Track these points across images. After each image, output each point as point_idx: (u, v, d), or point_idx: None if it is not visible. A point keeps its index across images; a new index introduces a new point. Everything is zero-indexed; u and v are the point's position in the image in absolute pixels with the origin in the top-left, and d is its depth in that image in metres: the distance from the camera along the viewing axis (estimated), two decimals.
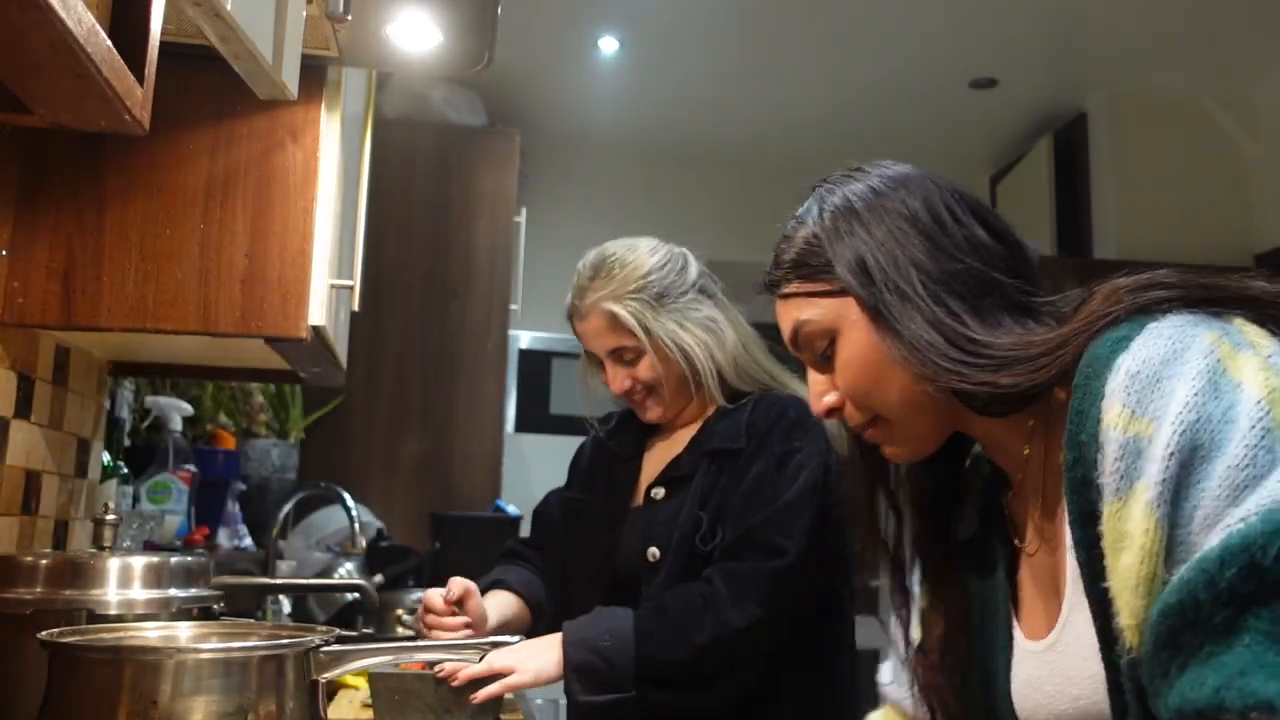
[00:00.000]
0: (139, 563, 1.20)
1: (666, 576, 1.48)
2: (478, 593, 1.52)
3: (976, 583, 0.97)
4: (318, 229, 1.45)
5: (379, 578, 2.43)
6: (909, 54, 3.73)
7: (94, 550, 1.22)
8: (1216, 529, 0.66)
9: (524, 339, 4.15)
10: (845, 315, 0.93)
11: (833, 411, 0.97)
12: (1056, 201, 4.30)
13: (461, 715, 1.32)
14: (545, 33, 3.69)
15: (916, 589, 1.02)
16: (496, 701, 1.35)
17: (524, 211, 3.56)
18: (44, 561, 1.17)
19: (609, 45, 3.81)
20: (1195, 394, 0.70)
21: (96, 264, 1.40)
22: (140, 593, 1.19)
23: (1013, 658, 0.91)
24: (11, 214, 1.39)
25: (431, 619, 1.49)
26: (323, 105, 1.48)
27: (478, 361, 3.37)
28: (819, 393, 0.97)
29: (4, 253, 1.38)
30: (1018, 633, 0.92)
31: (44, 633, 0.89)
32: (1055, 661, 0.85)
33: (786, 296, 0.99)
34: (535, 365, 4.20)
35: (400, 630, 2.15)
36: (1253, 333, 0.75)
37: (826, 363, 0.96)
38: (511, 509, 3.13)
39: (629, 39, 3.77)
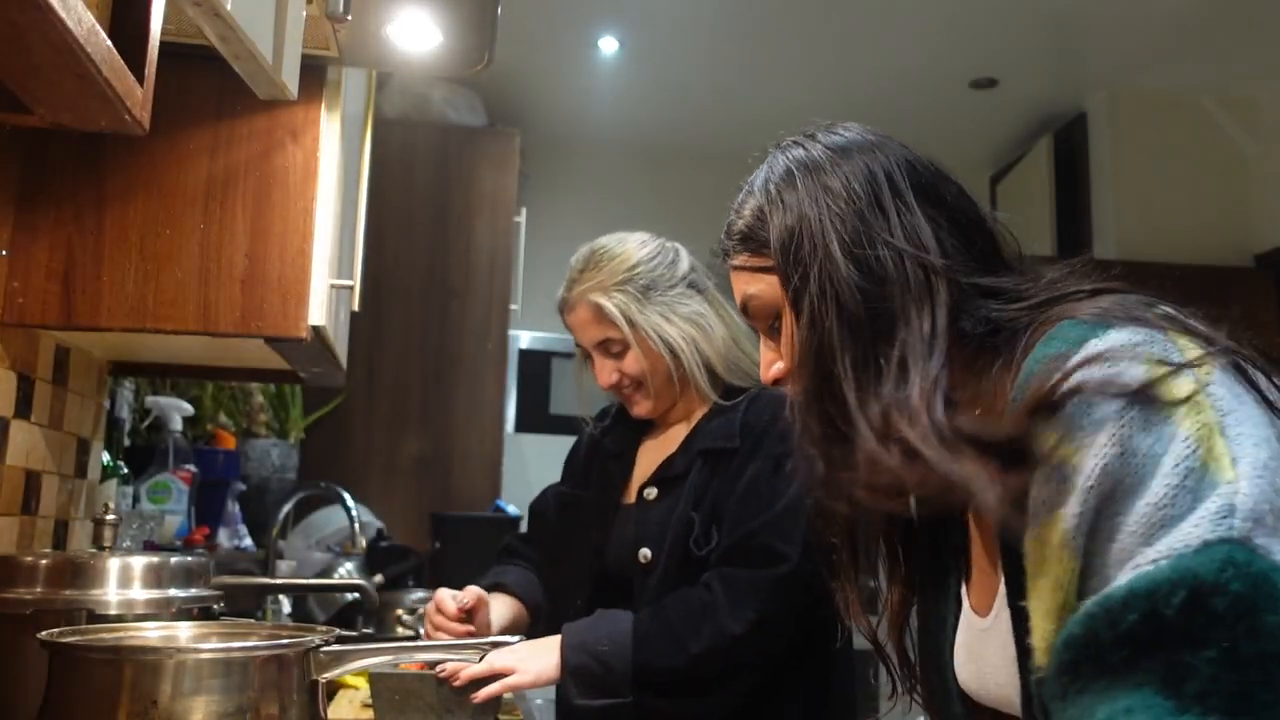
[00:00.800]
0: (139, 563, 1.20)
1: (661, 579, 1.47)
2: (488, 606, 1.52)
3: (930, 550, 0.97)
4: (318, 229, 1.45)
5: (379, 578, 2.43)
6: (909, 54, 3.73)
7: (94, 550, 1.22)
8: (1126, 567, 0.64)
9: (524, 339, 4.15)
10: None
11: (779, 381, 0.95)
12: (1056, 201, 4.30)
13: (461, 715, 1.32)
14: (545, 33, 3.69)
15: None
16: (496, 701, 1.35)
17: (524, 211, 3.56)
18: (44, 561, 1.17)
19: (609, 45, 3.82)
20: (1123, 425, 0.66)
21: (96, 264, 1.40)
22: (140, 593, 1.19)
23: (958, 626, 0.92)
24: (11, 214, 1.39)
25: (439, 620, 1.49)
26: (323, 105, 1.48)
27: (478, 361, 3.37)
28: (768, 361, 0.96)
29: (4, 253, 1.38)
30: (966, 604, 0.92)
31: (44, 633, 0.89)
32: (993, 640, 0.85)
33: (736, 268, 0.97)
34: (535, 365, 4.19)
35: (400, 630, 2.15)
36: (1192, 350, 0.71)
37: (776, 334, 0.95)
38: (511, 509, 3.13)
39: (629, 39, 3.78)
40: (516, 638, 1.38)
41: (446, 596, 1.51)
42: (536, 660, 1.39)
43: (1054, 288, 0.84)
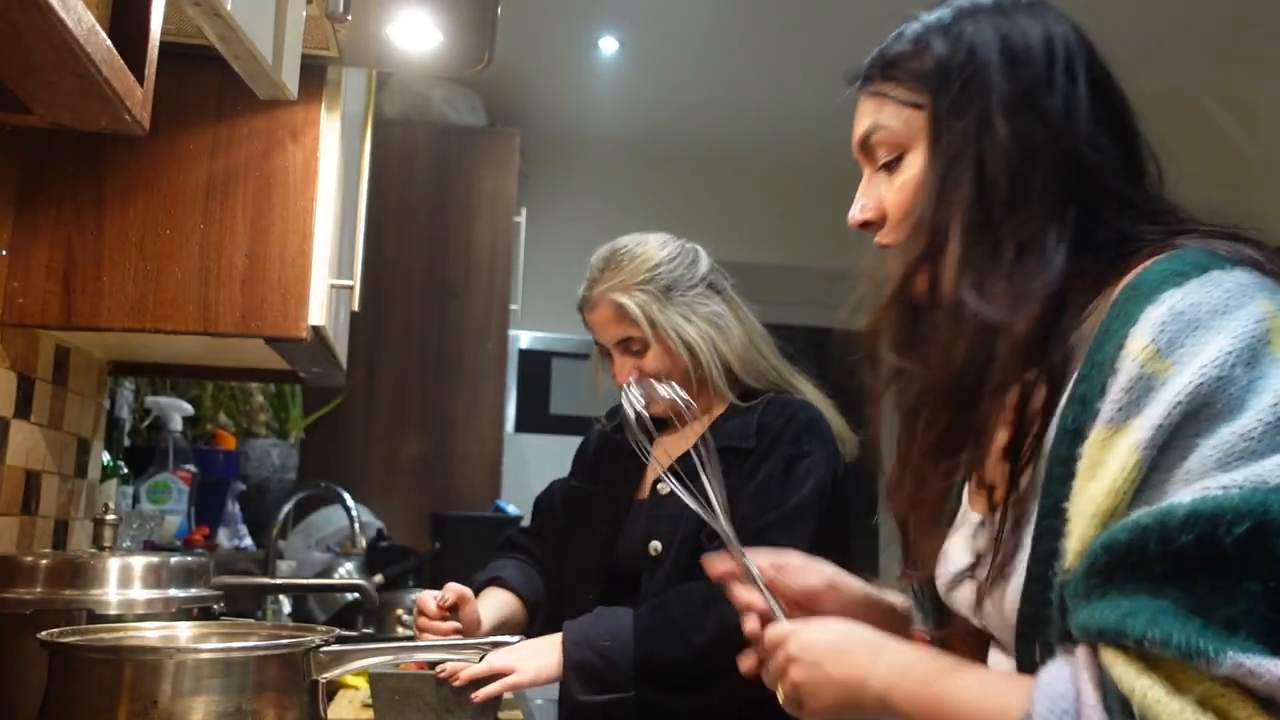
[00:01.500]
0: (139, 563, 1.20)
1: (669, 571, 1.48)
2: (473, 600, 1.51)
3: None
4: (318, 229, 1.45)
5: (379, 578, 2.43)
6: None
7: (94, 550, 1.22)
8: (1194, 486, 0.64)
9: (524, 339, 4.15)
10: (925, 135, 0.87)
11: (867, 224, 0.92)
12: None
13: (461, 715, 1.32)
14: (545, 33, 3.69)
15: None
16: (496, 701, 1.35)
17: (524, 211, 3.56)
18: (44, 561, 1.17)
19: (609, 45, 3.81)
20: (1229, 353, 0.66)
21: (96, 264, 1.40)
22: (140, 593, 1.19)
23: (954, 522, 0.92)
24: (11, 214, 1.39)
25: (423, 622, 1.49)
26: (323, 105, 1.48)
27: (478, 361, 3.37)
28: (864, 204, 0.92)
29: (4, 253, 1.38)
30: (965, 503, 0.92)
31: (44, 633, 0.89)
32: (979, 540, 0.86)
33: (871, 94, 0.92)
34: (535, 365, 4.19)
35: (400, 630, 2.16)
36: None
37: (884, 174, 0.91)
38: (511, 509, 3.13)
39: (629, 39, 3.78)
40: (516, 638, 1.38)
41: (427, 597, 1.50)
42: (537, 659, 1.39)
43: (1192, 221, 0.85)
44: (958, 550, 0.89)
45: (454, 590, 1.49)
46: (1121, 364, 0.70)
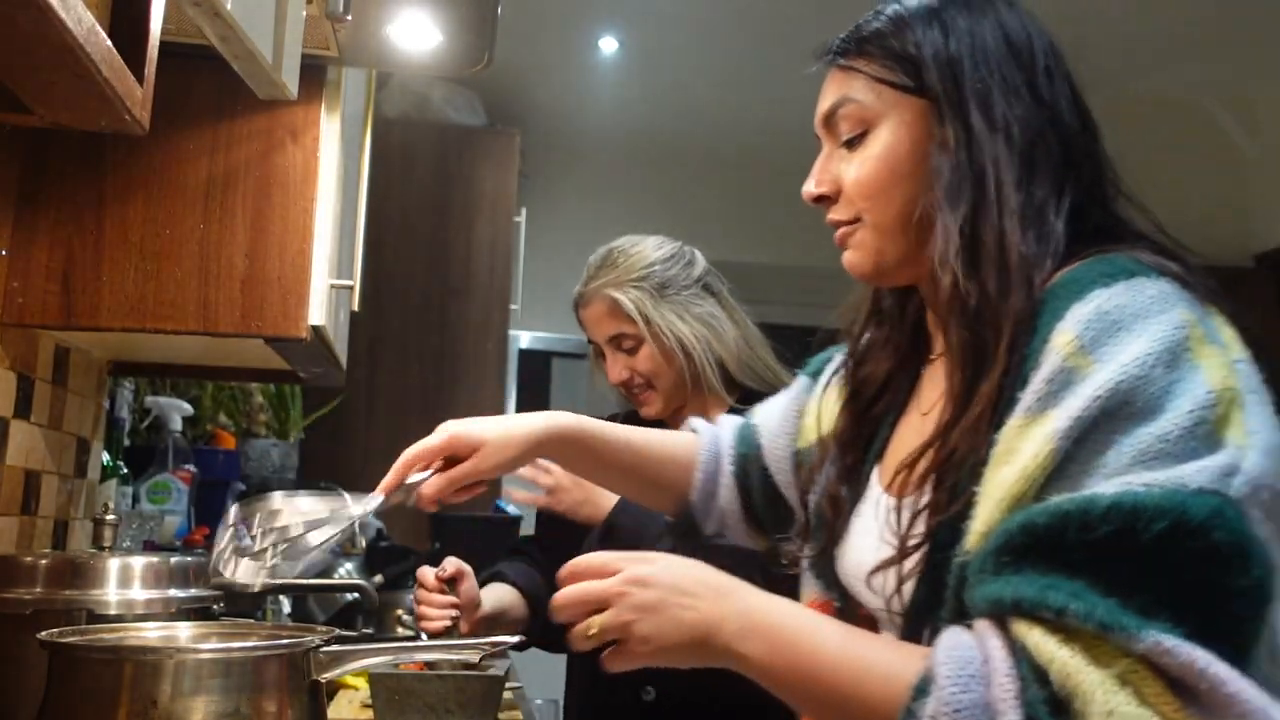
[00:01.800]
0: (139, 563, 1.20)
1: None
2: (472, 576, 1.52)
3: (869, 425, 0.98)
4: (318, 229, 1.45)
5: (379, 578, 2.42)
6: None
7: (94, 550, 1.22)
8: (1114, 480, 0.65)
9: (524, 339, 4.15)
10: (898, 113, 0.88)
11: (822, 199, 0.93)
12: None
13: (461, 715, 1.32)
14: (545, 33, 3.69)
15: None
16: (496, 701, 1.35)
17: (524, 211, 3.55)
18: (44, 561, 1.17)
19: (609, 45, 3.81)
20: (1150, 354, 0.68)
21: (96, 264, 1.40)
22: (140, 593, 1.19)
23: (861, 500, 0.93)
24: (11, 214, 1.39)
25: (421, 594, 1.51)
26: (323, 105, 1.48)
27: (478, 361, 3.37)
28: (820, 178, 0.93)
29: (4, 253, 1.38)
30: (875, 481, 0.93)
31: (44, 633, 0.89)
32: (890, 519, 0.86)
33: (845, 68, 0.92)
34: (535, 365, 4.19)
35: (400, 630, 2.15)
36: (1228, 334, 0.74)
37: (844, 149, 0.92)
38: (511, 509, 3.13)
39: (629, 39, 3.77)
40: (515, 639, 1.38)
41: (427, 571, 1.51)
42: None
43: (1147, 228, 0.87)
44: (868, 530, 0.90)
45: (453, 563, 1.50)
46: (1046, 357, 0.72)
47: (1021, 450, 0.70)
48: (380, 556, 2.64)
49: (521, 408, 4.16)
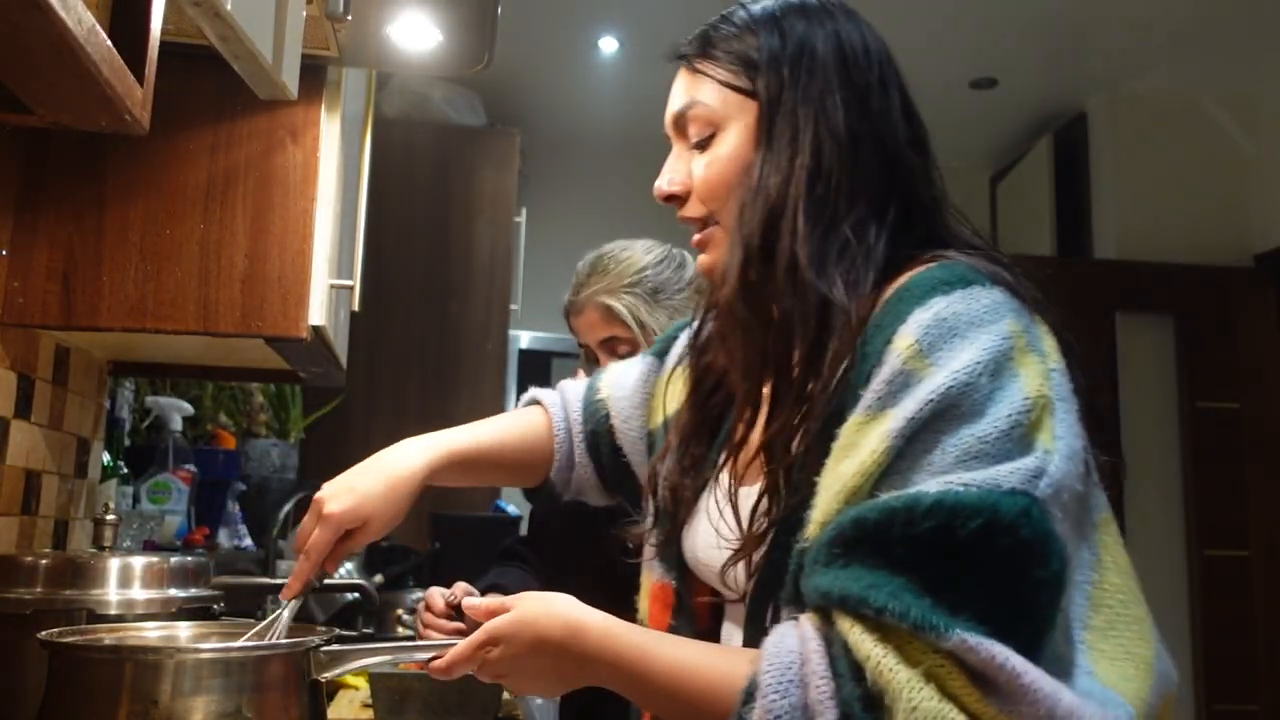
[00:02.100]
0: (139, 563, 1.20)
1: None
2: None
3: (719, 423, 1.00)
4: (318, 229, 1.45)
5: (379, 578, 2.43)
6: (909, 54, 3.70)
7: (94, 550, 1.22)
8: (938, 479, 0.70)
9: (524, 339, 4.15)
10: (742, 117, 0.91)
11: (672, 198, 0.95)
12: (1056, 201, 4.30)
13: (461, 715, 1.32)
14: (545, 33, 3.69)
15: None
16: (496, 702, 1.35)
17: (524, 211, 3.56)
18: (44, 561, 1.17)
19: (609, 45, 3.81)
20: (978, 362, 0.73)
21: (96, 264, 1.40)
22: (140, 593, 1.19)
23: (707, 486, 0.95)
24: (11, 214, 1.39)
25: (428, 618, 1.49)
26: (323, 105, 1.48)
27: (478, 361, 3.37)
28: (670, 175, 0.95)
29: (4, 253, 1.38)
30: (722, 467, 0.94)
31: (44, 633, 0.89)
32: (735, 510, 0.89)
33: (695, 71, 0.95)
34: (535, 365, 4.19)
35: (400, 630, 2.15)
36: (1049, 343, 0.80)
37: (695, 152, 0.94)
38: (511, 509, 3.13)
39: (629, 39, 3.77)
40: None
41: (436, 594, 1.51)
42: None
43: (974, 239, 0.91)
44: (713, 516, 0.91)
45: (463, 589, 1.50)
46: (887, 358, 0.77)
47: (860, 446, 0.74)
48: (380, 556, 2.64)
49: None
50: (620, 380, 1.20)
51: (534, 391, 1.27)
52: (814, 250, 0.85)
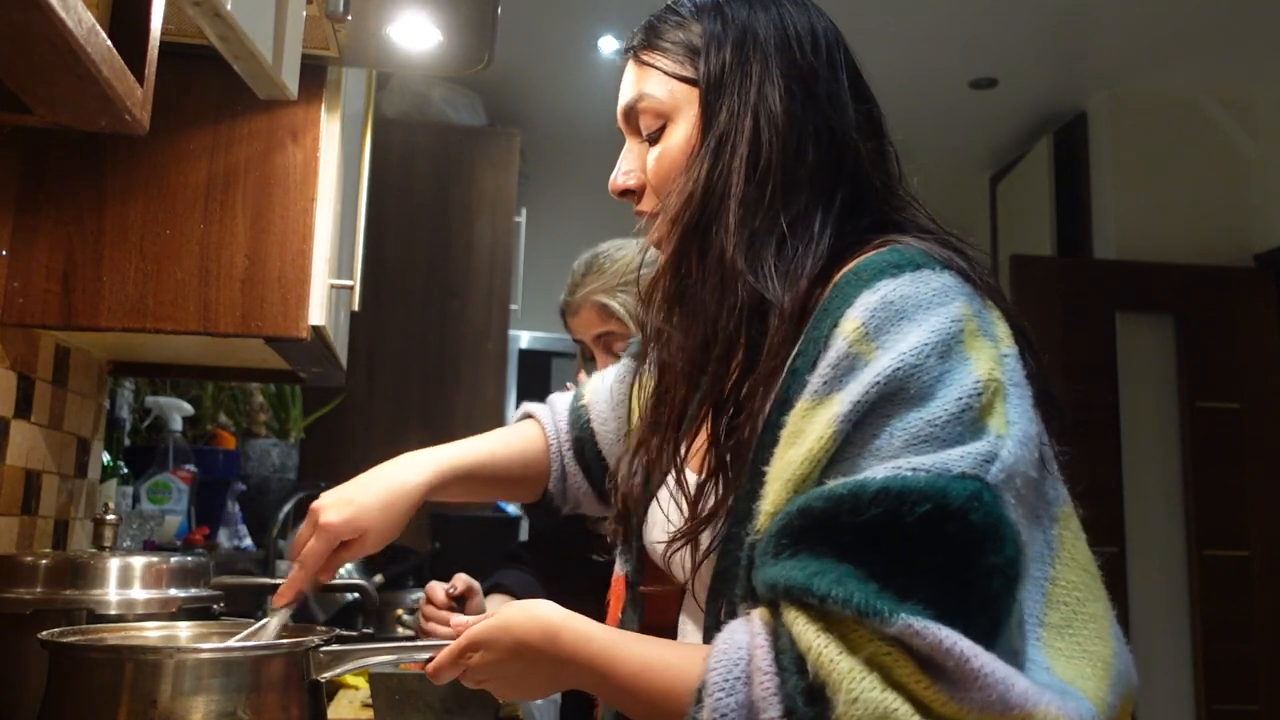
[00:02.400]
0: (139, 563, 1.20)
1: None
2: (481, 593, 1.52)
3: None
4: (318, 229, 1.45)
5: (379, 578, 2.42)
6: (909, 54, 3.73)
7: (94, 550, 1.22)
8: (886, 464, 0.69)
9: (524, 339, 4.15)
10: (690, 107, 0.90)
11: (626, 193, 0.95)
12: (1056, 201, 4.30)
13: (461, 715, 1.32)
14: (545, 33, 3.69)
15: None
16: (496, 701, 1.35)
17: (524, 211, 3.56)
18: (44, 561, 1.17)
19: (609, 45, 3.81)
20: (926, 344, 0.71)
21: (96, 264, 1.40)
22: (140, 593, 1.19)
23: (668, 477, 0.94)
24: (11, 214, 1.39)
25: (430, 610, 1.50)
26: (323, 105, 1.48)
27: (478, 361, 3.37)
28: (625, 169, 0.95)
29: (4, 253, 1.38)
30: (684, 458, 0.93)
31: (44, 633, 0.89)
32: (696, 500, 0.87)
33: (640, 63, 0.94)
34: (535, 365, 4.19)
35: (400, 630, 2.15)
36: (1002, 328, 0.78)
37: (647, 144, 0.94)
38: (511, 509, 3.13)
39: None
40: None
41: (436, 587, 1.51)
42: None
43: (929, 223, 0.88)
44: (671, 509, 0.91)
45: (463, 580, 1.50)
46: (833, 342, 0.75)
47: (807, 433, 0.73)
48: (380, 556, 2.64)
49: None
50: (599, 385, 1.21)
51: (526, 406, 1.27)
52: (746, 243, 0.83)
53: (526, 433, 1.22)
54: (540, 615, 0.84)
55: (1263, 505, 3.76)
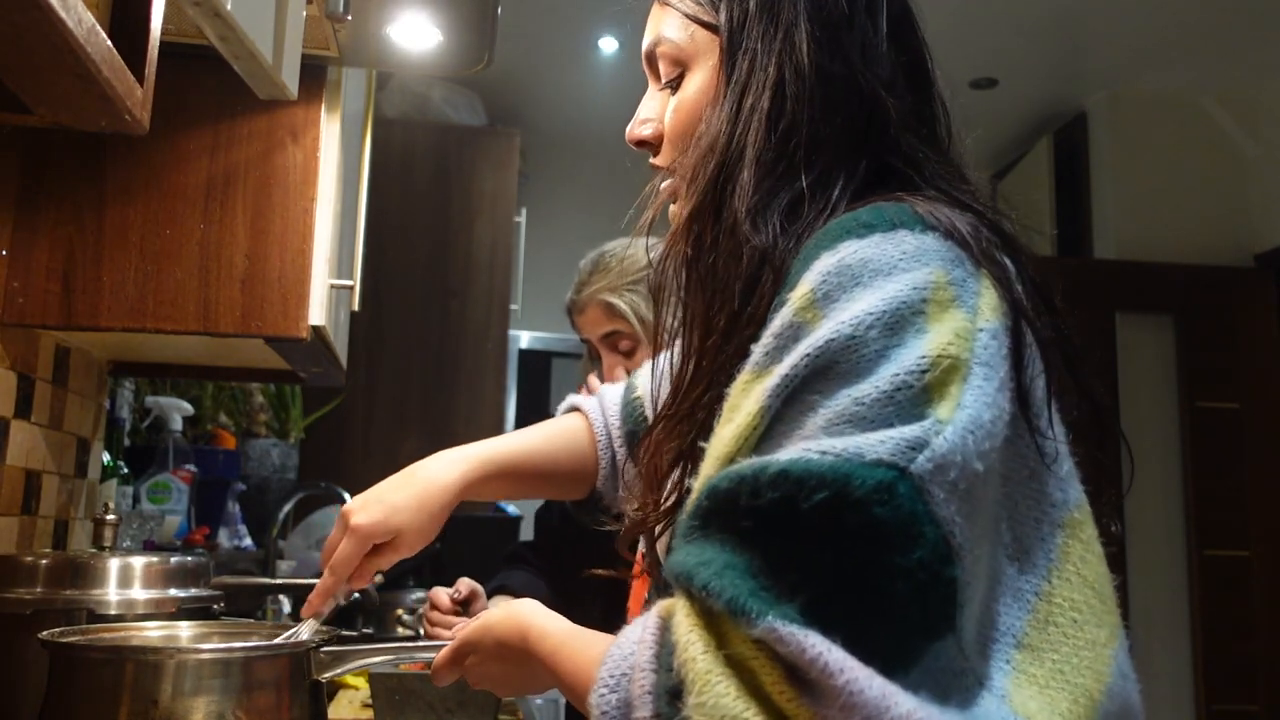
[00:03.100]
0: (139, 563, 1.20)
1: None
2: (484, 597, 1.52)
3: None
4: (318, 229, 1.45)
5: (379, 578, 2.42)
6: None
7: (94, 550, 1.22)
8: (799, 444, 0.61)
9: (524, 339, 4.15)
10: (711, 54, 0.83)
11: (643, 143, 0.89)
12: (1056, 201, 4.30)
13: (461, 715, 1.32)
14: (545, 33, 3.69)
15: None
16: (496, 702, 1.35)
17: (524, 211, 3.56)
18: (44, 561, 1.17)
19: (609, 45, 3.81)
20: (870, 314, 0.62)
21: (96, 264, 1.40)
22: (140, 593, 1.19)
23: None
24: (11, 214, 1.39)
25: (435, 616, 1.50)
26: (323, 105, 1.48)
27: (478, 361, 3.37)
28: (643, 118, 0.89)
29: (4, 253, 1.38)
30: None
31: (44, 633, 0.89)
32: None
33: (662, 2, 0.88)
34: (535, 365, 4.20)
35: (400, 630, 2.15)
36: (989, 300, 0.66)
37: (666, 92, 0.88)
38: (511, 509, 3.13)
39: (629, 39, 3.77)
40: None
41: (440, 593, 1.51)
42: None
43: (959, 182, 0.79)
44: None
45: (467, 585, 1.50)
46: (782, 309, 0.67)
47: (741, 408, 0.65)
48: None
49: (521, 408, 4.17)
50: (650, 375, 1.14)
51: (573, 399, 1.21)
52: (760, 206, 0.75)
53: (571, 426, 1.16)
54: (516, 614, 0.82)
55: (1263, 505, 3.76)
